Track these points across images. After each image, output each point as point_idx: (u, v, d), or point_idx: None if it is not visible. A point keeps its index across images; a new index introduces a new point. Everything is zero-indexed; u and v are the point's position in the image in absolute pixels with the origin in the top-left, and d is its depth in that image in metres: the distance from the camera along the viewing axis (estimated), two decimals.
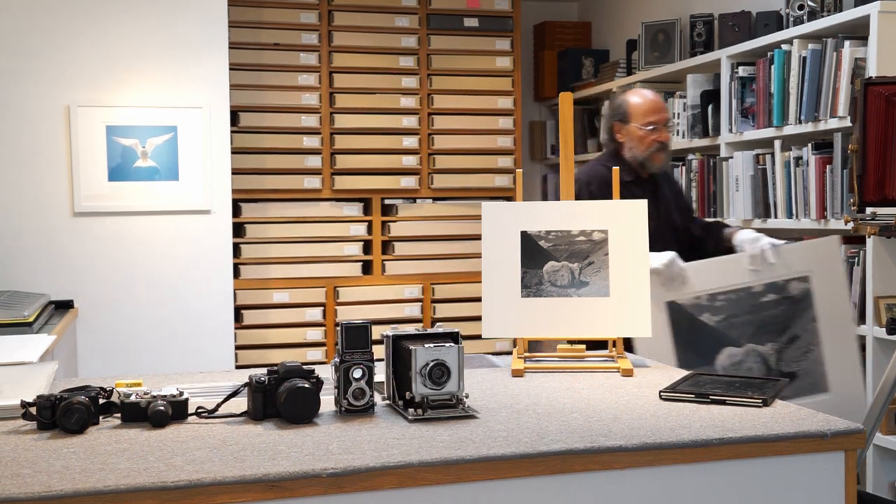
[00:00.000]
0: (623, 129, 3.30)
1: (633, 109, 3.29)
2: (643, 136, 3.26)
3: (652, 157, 3.27)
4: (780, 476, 1.82)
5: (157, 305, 4.28)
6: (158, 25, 4.24)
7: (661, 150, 3.27)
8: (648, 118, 3.26)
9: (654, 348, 2.84)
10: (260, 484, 1.56)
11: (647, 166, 3.28)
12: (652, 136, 3.25)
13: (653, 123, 3.26)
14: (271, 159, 4.90)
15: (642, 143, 3.26)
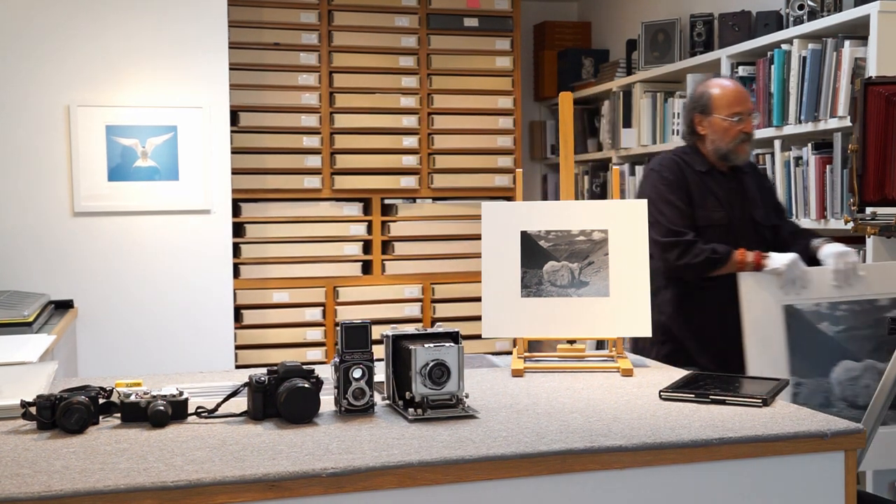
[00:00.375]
0: (705, 120, 3.18)
1: (717, 100, 3.17)
2: (728, 127, 3.14)
3: (736, 148, 3.16)
4: (780, 476, 1.81)
5: (157, 305, 4.28)
6: (158, 25, 4.24)
7: (746, 141, 3.16)
8: (734, 108, 3.14)
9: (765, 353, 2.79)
10: (260, 484, 1.56)
11: (730, 158, 3.17)
12: (737, 126, 3.13)
13: (738, 114, 3.13)
14: (271, 159, 4.90)
15: (727, 135, 3.15)
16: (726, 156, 3.17)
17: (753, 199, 3.20)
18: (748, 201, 3.19)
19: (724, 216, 3.12)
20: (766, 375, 2.57)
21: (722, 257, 3.01)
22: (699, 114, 3.20)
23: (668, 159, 3.24)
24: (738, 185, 3.20)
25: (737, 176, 3.21)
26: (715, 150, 3.17)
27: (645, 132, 4.93)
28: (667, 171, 3.19)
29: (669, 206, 3.12)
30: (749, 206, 3.19)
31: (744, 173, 3.23)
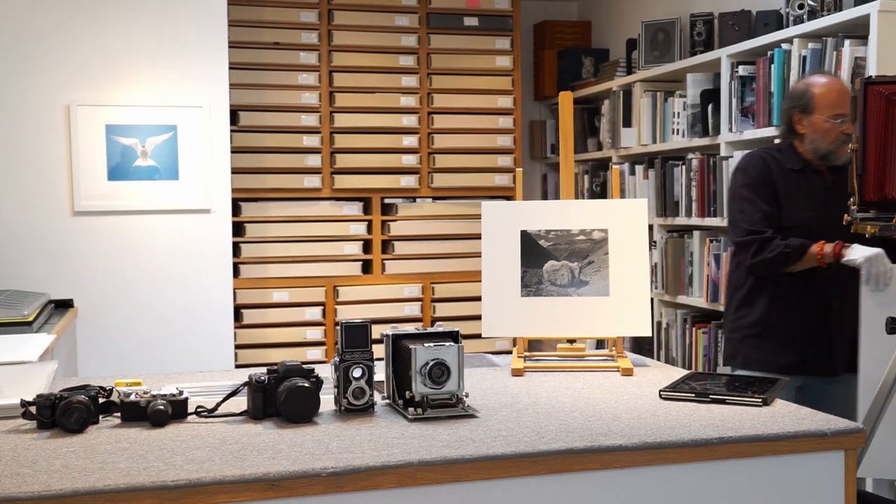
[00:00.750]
0: (805, 119, 3.07)
1: (819, 100, 3.05)
2: (829, 128, 3.03)
3: (837, 150, 3.04)
4: (780, 475, 1.81)
5: (157, 304, 4.28)
6: (158, 24, 4.24)
7: (847, 141, 2.96)
8: (836, 110, 3.02)
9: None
10: (260, 483, 1.56)
11: (829, 159, 3.07)
12: (839, 128, 3.02)
13: (841, 116, 3.01)
14: (271, 158, 4.90)
15: (828, 136, 3.04)
16: (826, 156, 3.07)
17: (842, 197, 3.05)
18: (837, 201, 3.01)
19: (812, 216, 3.04)
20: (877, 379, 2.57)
21: (796, 250, 2.96)
22: (799, 112, 3.09)
23: (756, 157, 3.18)
24: (836, 183, 3.06)
25: (836, 174, 3.08)
26: (814, 149, 3.08)
27: (645, 132, 4.93)
28: (752, 170, 3.13)
29: (751, 204, 3.08)
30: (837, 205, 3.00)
31: (844, 171, 3.06)
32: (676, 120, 4.66)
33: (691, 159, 4.47)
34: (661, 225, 4.77)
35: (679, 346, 4.58)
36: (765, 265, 3.04)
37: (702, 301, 4.37)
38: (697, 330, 4.40)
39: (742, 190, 3.12)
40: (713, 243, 4.28)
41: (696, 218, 4.44)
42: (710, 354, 4.29)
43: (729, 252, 4.14)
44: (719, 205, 4.25)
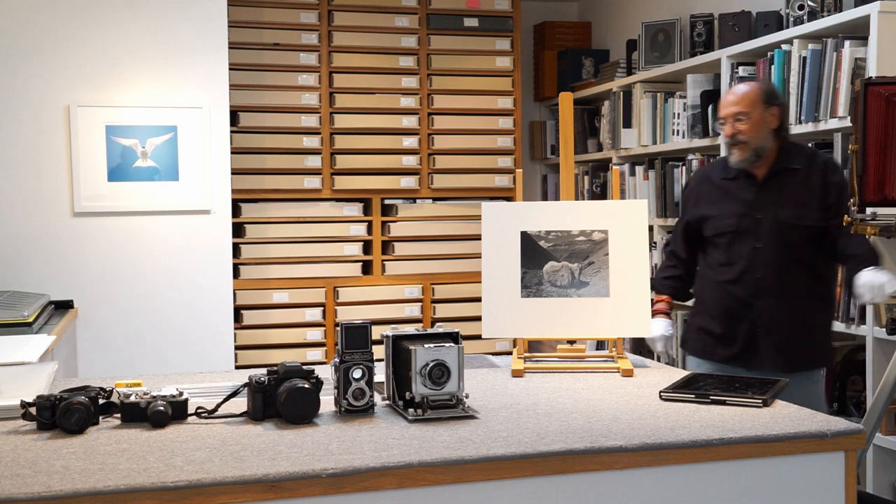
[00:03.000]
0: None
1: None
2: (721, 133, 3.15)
3: (730, 152, 3.10)
4: (780, 476, 1.81)
5: (157, 305, 4.28)
6: (158, 25, 4.24)
7: (733, 144, 3.06)
8: (720, 114, 3.12)
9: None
10: (260, 484, 1.56)
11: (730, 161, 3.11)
12: (725, 130, 3.09)
13: (722, 119, 3.10)
14: (271, 159, 4.90)
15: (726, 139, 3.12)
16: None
17: (787, 199, 3.06)
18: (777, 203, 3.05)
19: (735, 222, 3.06)
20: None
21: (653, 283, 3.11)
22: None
23: (700, 171, 3.36)
24: (775, 185, 3.06)
25: (777, 177, 3.07)
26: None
27: (645, 132, 4.93)
28: (692, 179, 3.33)
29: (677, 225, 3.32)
30: (778, 207, 3.05)
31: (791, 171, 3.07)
32: (676, 121, 4.66)
33: (691, 160, 4.47)
34: (661, 226, 4.77)
35: (679, 347, 4.57)
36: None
37: None
38: None
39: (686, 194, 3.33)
40: None
41: None
42: None
43: None
44: None
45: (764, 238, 3.03)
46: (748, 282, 3.02)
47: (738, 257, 3.04)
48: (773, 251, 3.02)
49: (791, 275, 3.04)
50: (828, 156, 3.25)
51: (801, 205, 3.04)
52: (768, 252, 3.02)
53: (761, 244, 3.03)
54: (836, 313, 3.57)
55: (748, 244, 3.04)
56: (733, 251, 3.06)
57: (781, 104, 3.11)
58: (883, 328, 3.30)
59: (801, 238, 3.04)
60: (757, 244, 3.03)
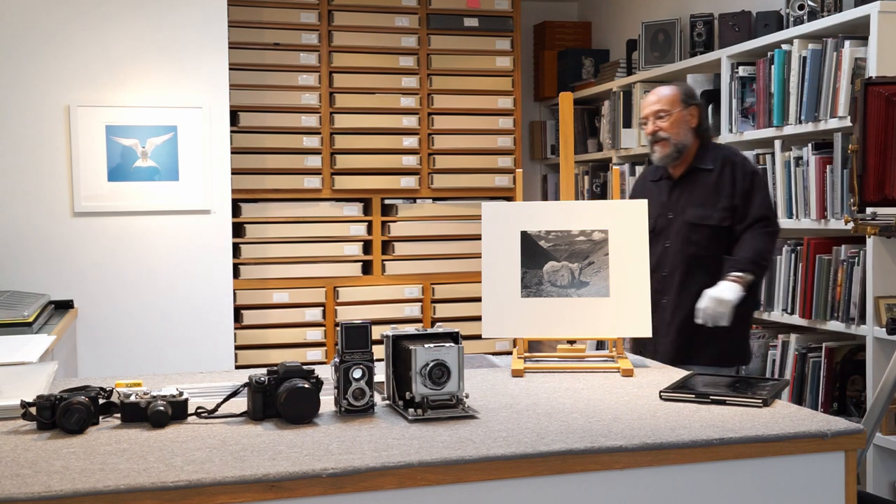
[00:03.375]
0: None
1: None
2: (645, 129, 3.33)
3: (651, 148, 3.31)
4: (780, 476, 1.81)
5: (157, 305, 4.27)
6: (158, 25, 4.24)
7: (655, 142, 3.26)
8: (642, 114, 3.33)
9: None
10: (260, 484, 1.56)
11: (652, 158, 3.32)
12: (647, 128, 3.30)
13: (644, 118, 3.31)
14: (271, 159, 4.90)
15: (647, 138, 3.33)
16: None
17: (695, 198, 3.23)
18: (687, 202, 3.24)
19: (653, 223, 3.18)
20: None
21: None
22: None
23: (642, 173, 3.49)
24: (687, 185, 3.26)
25: (690, 177, 3.27)
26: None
27: None
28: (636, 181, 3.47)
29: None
30: (686, 206, 3.24)
31: (704, 172, 3.25)
32: None
33: None
34: None
35: None
36: None
37: None
38: None
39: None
40: None
41: None
42: None
43: None
44: None
45: (672, 237, 3.23)
46: (657, 279, 3.12)
47: (653, 256, 3.02)
48: (678, 250, 3.19)
49: (695, 273, 3.17)
50: (743, 158, 3.30)
51: (707, 205, 3.20)
52: (674, 251, 3.22)
53: (669, 243, 3.23)
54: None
55: (661, 243, 3.23)
56: (652, 250, 3.02)
57: (699, 104, 3.33)
58: (883, 328, 3.30)
59: (705, 237, 3.18)
60: (666, 243, 3.23)
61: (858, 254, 3.47)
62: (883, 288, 3.36)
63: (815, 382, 3.66)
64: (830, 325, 3.57)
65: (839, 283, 3.52)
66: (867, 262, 3.38)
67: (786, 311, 3.79)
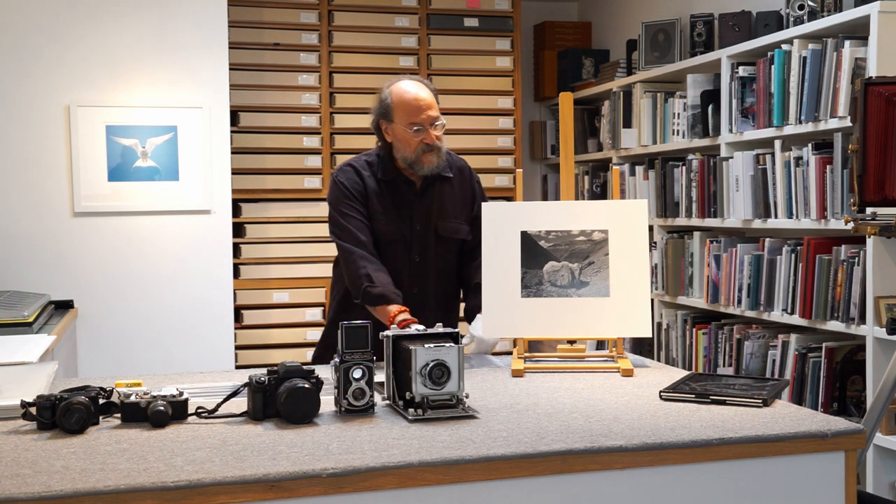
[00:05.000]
0: (389, 127, 2.87)
1: (397, 108, 2.84)
2: (409, 137, 2.83)
3: (420, 159, 2.85)
4: (780, 476, 1.81)
5: (157, 305, 4.27)
6: (158, 25, 4.24)
7: (429, 151, 2.85)
8: (412, 118, 2.82)
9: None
10: (260, 484, 1.56)
11: (415, 168, 2.87)
12: (417, 137, 2.83)
13: (417, 125, 2.82)
14: (271, 159, 4.90)
15: (409, 146, 2.84)
16: (412, 165, 2.87)
17: (443, 209, 2.94)
18: (435, 213, 2.93)
19: (397, 231, 2.89)
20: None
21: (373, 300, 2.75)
22: (383, 119, 2.90)
23: (349, 166, 2.96)
24: (432, 194, 2.93)
25: (434, 184, 2.94)
26: (402, 158, 2.88)
27: (645, 132, 4.93)
28: (344, 178, 2.92)
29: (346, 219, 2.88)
30: (435, 217, 2.93)
31: (445, 179, 2.97)
32: (676, 121, 4.66)
33: (691, 160, 4.47)
34: (661, 226, 4.77)
35: (679, 347, 4.57)
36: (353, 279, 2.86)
37: (702, 302, 4.37)
38: (697, 331, 4.40)
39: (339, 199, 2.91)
40: (713, 244, 4.28)
41: (696, 219, 4.44)
42: (711, 355, 4.29)
43: (728, 253, 4.15)
44: (720, 205, 4.25)
45: (421, 251, 2.90)
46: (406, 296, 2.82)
47: (394, 269, 2.86)
48: (429, 264, 2.91)
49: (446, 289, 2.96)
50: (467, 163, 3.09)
51: (455, 218, 2.95)
52: (425, 266, 2.91)
53: (419, 258, 2.90)
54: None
55: (408, 257, 2.90)
56: (391, 261, 2.87)
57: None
58: (883, 328, 3.30)
59: (454, 251, 2.96)
60: (416, 258, 2.90)
61: (858, 254, 3.47)
62: (883, 288, 3.36)
63: (815, 382, 3.66)
64: (830, 325, 3.57)
65: (839, 283, 3.52)
66: (867, 262, 3.38)
67: (786, 311, 3.79)
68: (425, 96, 2.86)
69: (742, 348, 4.02)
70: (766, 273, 3.91)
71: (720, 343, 4.21)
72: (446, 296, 2.99)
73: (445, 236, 2.93)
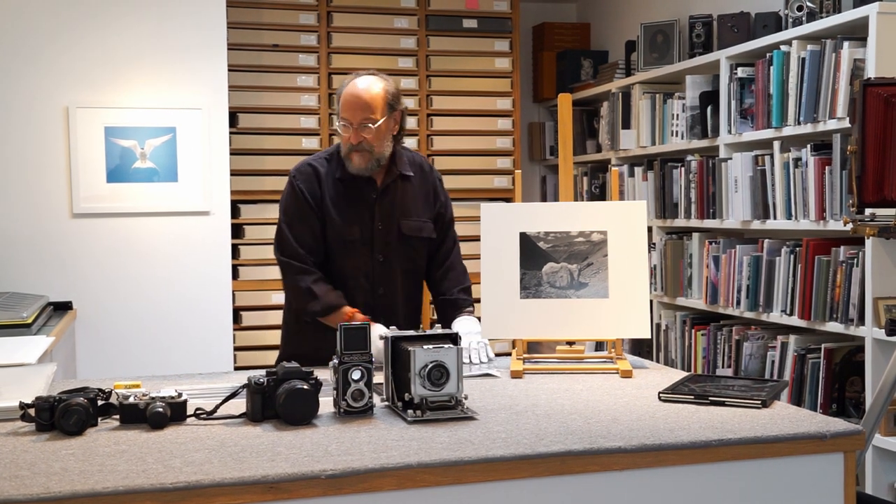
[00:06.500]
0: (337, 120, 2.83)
1: (339, 100, 2.79)
2: (341, 133, 2.78)
3: (349, 156, 2.77)
4: (779, 477, 1.81)
5: (156, 307, 4.27)
6: (157, 27, 4.24)
7: (356, 150, 2.75)
8: (343, 114, 2.76)
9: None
10: (259, 485, 1.56)
11: (347, 166, 2.79)
12: (345, 134, 2.76)
13: (345, 121, 2.75)
14: (270, 160, 4.90)
15: (343, 142, 2.79)
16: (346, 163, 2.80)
17: (406, 208, 2.86)
18: (397, 212, 2.85)
19: (357, 230, 2.81)
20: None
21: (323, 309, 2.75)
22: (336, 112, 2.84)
23: (308, 165, 2.88)
24: (394, 192, 2.85)
25: (396, 182, 2.86)
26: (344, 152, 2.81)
27: (644, 133, 4.93)
28: (300, 181, 2.85)
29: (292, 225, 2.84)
30: (398, 216, 2.85)
31: (406, 178, 2.88)
32: (675, 122, 4.66)
33: (690, 161, 4.47)
34: (660, 227, 4.77)
35: (678, 348, 4.57)
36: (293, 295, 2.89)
37: (701, 303, 4.37)
38: (696, 332, 4.40)
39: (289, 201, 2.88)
40: (712, 245, 4.28)
41: (695, 220, 4.44)
42: (710, 356, 4.29)
43: (727, 254, 4.15)
44: (718, 206, 4.25)
45: (386, 251, 2.83)
46: (371, 297, 2.81)
47: (359, 270, 2.82)
48: (395, 265, 2.85)
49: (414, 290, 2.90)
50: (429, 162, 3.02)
51: (418, 216, 2.87)
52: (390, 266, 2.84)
53: (383, 257, 2.83)
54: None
55: (371, 257, 2.82)
56: (354, 262, 2.82)
57: (404, 108, 2.87)
58: (882, 329, 3.30)
59: (420, 250, 2.89)
60: (379, 257, 2.83)
61: (857, 255, 3.47)
62: (882, 289, 3.36)
63: (814, 383, 3.66)
64: (829, 326, 3.57)
65: (838, 284, 3.52)
66: (866, 263, 3.38)
67: (785, 313, 3.79)
68: (364, 96, 2.74)
69: (741, 349, 4.02)
70: (765, 274, 3.91)
71: (719, 344, 4.21)
72: (414, 296, 2.94)
73: (409, 235, 2.85)
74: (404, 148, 2.96)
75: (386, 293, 2.85)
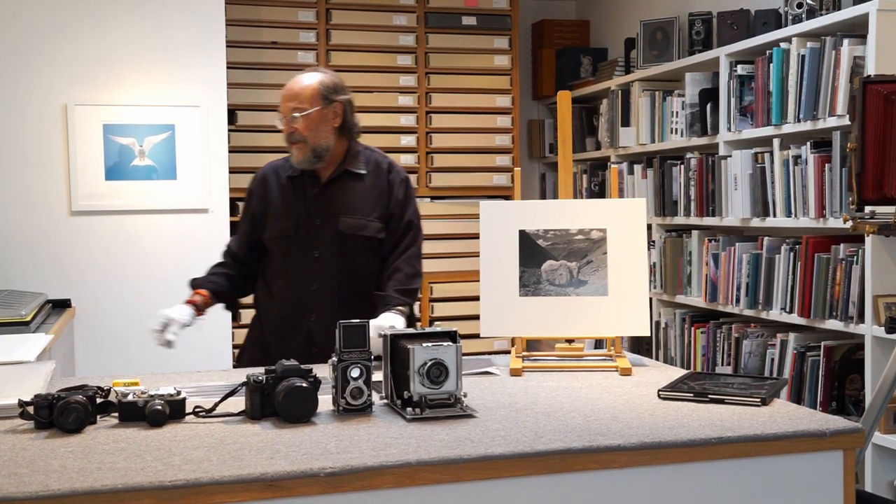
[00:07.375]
0: None
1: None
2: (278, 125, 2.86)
3: (290, 150, 2.84)
4: (778, 475, 1.81)
5: (155, 304, 4.24)
6: (156, 24, 4.23)
7: (292, 144, 2.81)
8: (279, 106, 2.87)
9: None
10: (258, 483, 1.55)
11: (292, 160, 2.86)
12: (280, 126, 2.84)
13: (279, 114, 2.85)
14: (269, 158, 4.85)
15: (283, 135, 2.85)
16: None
17: (349, 205, 2.84)
18: (338, 209, 2.84)
19: (292, 226, 2.84)
20: None
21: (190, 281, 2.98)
22: None
23: (266, 166, 3.01)
24: (337, 189, 2.85)
25: (339, 181, 2.86)
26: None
27: (643, 131, 4.93)
28: (253, 183, 2.99)
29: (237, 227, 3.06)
30: (338, 213, 2.83)
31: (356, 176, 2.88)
32: (675, 119, 4.66)
33: (690, 158, 4.47)
34: (659, 224, 4.77)
35: (678, 346, 4.57)
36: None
37: (700, 301, 4.37)
38: (696, 329, 4.40)
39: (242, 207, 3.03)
40: (712, 243, 4.28)
41: (694, 217, 4.44)
42: (709, 354, 4.29)
43: (726, 251, 4.15)
44: (718, 204, 4.25)
45: (321, 247, 2.82)
46: (304, 294, 2.81)
47: (294, 266, 2.83)
48: (330, 262, 2.82)
49: (352, 288, 2.82)
50: (394, 163, 2.98)
51: (360, 213, 2.84)
52: (326, 263, 2.82)
53: (319, 253, 2.82)
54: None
55: (307, 253, 2.83)
56: (290, 259, 2.84)
57: (345, 100, 2.88)
58: (882, 327, 3.30)
59: (361, 249, 2.84)
60: (315, 253, 2.82)
61: (857, 252, 3.46)
62: (882, 286, 3.36)
63: (814, 381, 3.66)
64: (829, 324, 3.57)
65: (838, 281, 3.52)
66: (866, 260, 3.38)
67: (784, 310, 3.79)
68: (294, 87, 2.82)
69: (740, 347, 4.02)
70: (764, 272, 3.91)
71: (718, 342, 4.21)
72: (353, 296, 2.82)
73: (346, 232, 2.81)
74: (367, 147, 2.98)
75: (319, 289, 2.82)
